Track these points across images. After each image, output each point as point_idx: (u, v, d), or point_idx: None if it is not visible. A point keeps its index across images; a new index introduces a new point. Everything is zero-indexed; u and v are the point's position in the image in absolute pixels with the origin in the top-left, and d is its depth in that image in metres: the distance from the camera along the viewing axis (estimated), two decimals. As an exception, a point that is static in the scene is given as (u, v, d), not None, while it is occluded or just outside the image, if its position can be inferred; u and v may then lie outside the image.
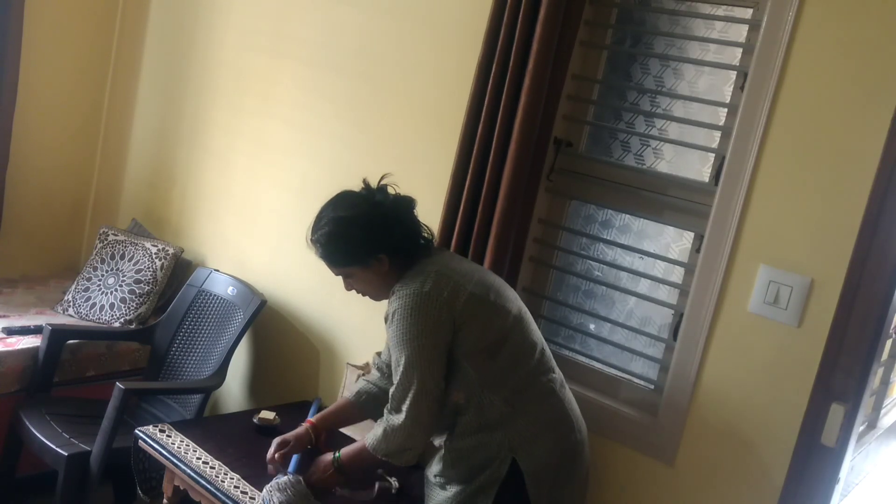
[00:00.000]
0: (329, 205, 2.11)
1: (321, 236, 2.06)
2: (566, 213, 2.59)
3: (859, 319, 1.96)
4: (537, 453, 2.01)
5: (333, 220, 2.05)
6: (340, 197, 2.12)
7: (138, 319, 3.29)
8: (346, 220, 2.04)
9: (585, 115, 2.55)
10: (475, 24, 2.54)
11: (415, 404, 1.96)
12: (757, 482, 2.10)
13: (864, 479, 3.30)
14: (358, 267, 2.07)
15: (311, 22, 3.11)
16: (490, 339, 2.01)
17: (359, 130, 2.96)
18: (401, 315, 1.97)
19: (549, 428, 2.05)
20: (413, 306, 1.95)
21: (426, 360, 1.95)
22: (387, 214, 2.05)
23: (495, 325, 2.02)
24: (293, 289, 3.15)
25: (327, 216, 2.07)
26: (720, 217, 2.16)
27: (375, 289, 2.12)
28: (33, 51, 3.54)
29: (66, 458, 2.62)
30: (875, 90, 1.95)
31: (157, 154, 3.69)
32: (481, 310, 2.00)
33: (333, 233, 2.04)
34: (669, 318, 2.38)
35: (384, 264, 2.04)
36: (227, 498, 2.20)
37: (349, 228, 2.04)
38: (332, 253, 2.07)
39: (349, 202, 2.09)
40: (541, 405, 2.04)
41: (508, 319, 2.04)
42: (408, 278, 2.01)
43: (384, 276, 2.06)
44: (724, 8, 2.31)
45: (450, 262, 2.08)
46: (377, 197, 2.08)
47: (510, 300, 2.08)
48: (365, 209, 2.05)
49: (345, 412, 2.34)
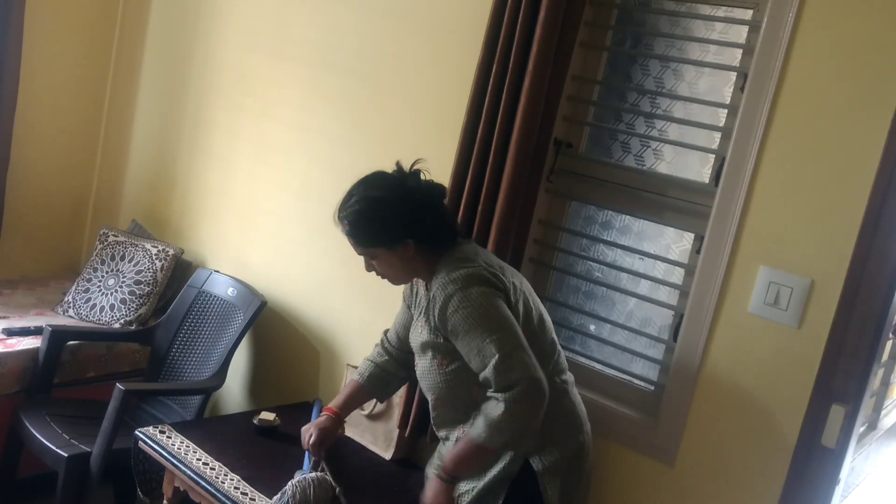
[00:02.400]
0: (361, 183, 2.07)
1: (350, 213, 2.03)
2: (566, 214, 2.59)
3: (859, 320, 1.96)
4: (550, 453, 2.02)
5: (365, 199, 2.02)
6: (373, 176, 2.09)
7: (138, 320, 3.29)
8: (378, 201, 2.02)
9: (586, 116, 2.55)
10: (475, 25, 2.54)
11: (525, 366, 1.86)
12: (757, 483, 2.10)
13: (865, 480, 3.30)
14: (383, 249, 2.04)
15: (311, 23, 3.11)
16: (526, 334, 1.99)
17: (359, 131, 2.96)
18: (464, 294, 1.91)
19: (561, 428, 2.06)
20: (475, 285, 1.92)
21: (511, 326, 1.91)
22: (419, 200, 2.03)
23: (527, 322, 2.01)
24: (293, 290, 3.15)
25: (359, 194, 2.04)
26: (720, 218, 2.16)
27: (397, 272, 2.10)
28: (34, 52, 3.54)
29: (66, 459, 2.62)
30: (875, 91, 1.95)
31: (157, 155, 3.69)
32: (520, 306, 2.00)
33: (363, 212, 2.01)
34: (669, 319, 2.38)
35: (410, 249, 2.02)
36: (227, 499, 2.20)
37: (380, 209, 2.01)
38: (359, 232, 2.04)
39: (382, 183, 2.06)
40: (554, 406, 2.04)
41: (534, 320, 2.04)
42: (453, 263, 1.98)
43: (408, 261, 2.04)
44: (724, 9, 2.31)
45: (486, 254, 2.08)
46: (410, 182, 2.05)
47: (534, 300, 2.09)
48: (398, 193, 2.03)
49: (356, 395, 2.35)
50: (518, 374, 1.87)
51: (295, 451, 2.42)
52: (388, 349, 2.34)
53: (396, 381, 2.37)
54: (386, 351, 2.35)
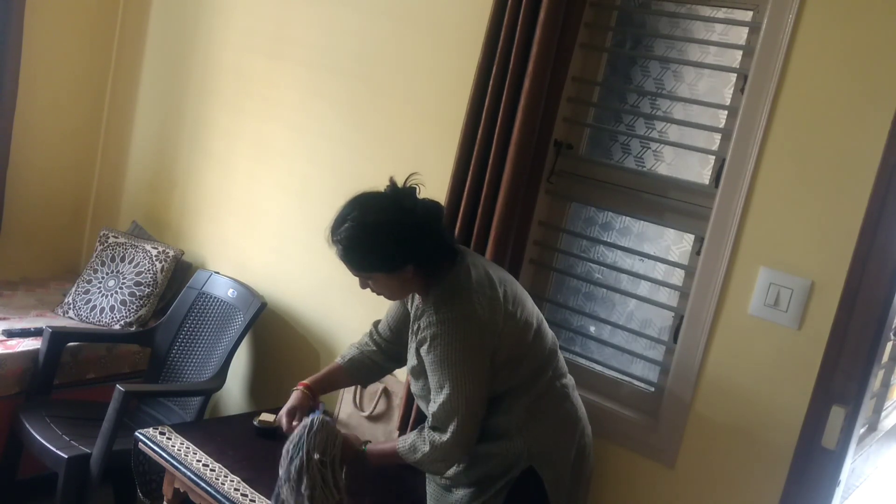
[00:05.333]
0: (354, 205, 1.97)
1: (344, 239, 1.94)
2: (566, 216, 2.59)
3: (860, 322, 1.96)
4: (556, 460, 2.03)
5: (360, 225, 1.92)
6: (366, 198, 1.98)
7: (139, 322, 3.29)
8: (374, 227, 1.92)
9: (586, 118, 2.55)
10: (475, 25, 2.54)
11: (461, 428, 1.93)
12: (757, 484, 2.10)
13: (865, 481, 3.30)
14: (382, 273, 1.98)
15: (311, 24, 3.12)
16: (516, 353, 2.00)
17: (359, 132, 2.96)
18: (445, 341, 1.91)
19: (564, 434, 2.06)
20: (457, 332, 1.91)
21: (473, 384, 1.92)
22: (416, 224, 1.93)
23: (522, 340, 2.02)
24: (293, 291, 3.15)
25: (353, 219, 1.94)
26: (720, 219, 2.16)
27: (394, 292, 2.07)
28: (34, 52, 3.54)
29: (66, 460, 2.62)
30: (875, 92, 1.95)
31: (157, 156, 3.70)
32: (514, 327, 1.99)
33: (359, 237, 1.93)
34: (670, 320, 2.38)
35: (409, 273, 1.97)
36: (227, 500, 2.20)
37: (376, 236, 1.92)
38: (355, 258, 1.96)
39: (377, 206, 1.95)
40: (557, 411, 2.05)
41: (531, 333, 2.03)
42: (443, 297, 1.95)
43: (407, 283, 2.01)
44: (724, 10, 2.31)
45: (479, 272, 2.00)
46: (406, 202, 1.95)
47: (530, 311, 2.06)
48: (394, 217, 1.93)
49: (335, 376, 2.32)
50: (453, 428, 1.93)
51: (295, 452, 2.42)
52: (377, 340, 2.30)
53: (378, 370, 2.33)
54: (374, 342, 2.30)
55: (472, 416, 1.95)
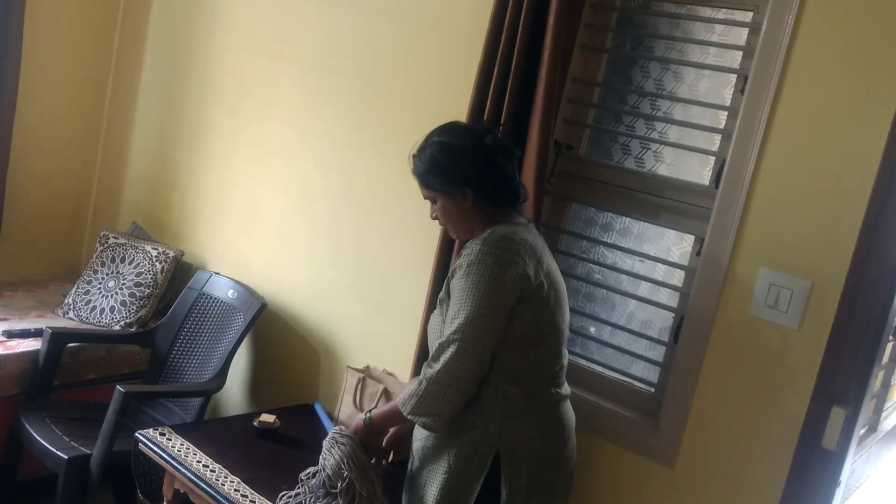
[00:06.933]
0: (437, 129, 2.14)
1: (420, 153, 2.11)
2: (567, 216, 2.59)
3: (860, 322, 1.96)
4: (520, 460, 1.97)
5: (435, 143, 2.09)
6: (450, 125, 2.16)
7: (139, 322, 3.29)
8: (445, 146, 2.07)
9: (586, 119, 2.55)
10: (478, 26, 2.54)
11: (455, 359, 1.90)
12: (757, 485, 2.10)
13: (865, 482, 3.30)
14: (442, 193, 2.08)
15: (311, 25, 3.12)
16: (531, 333, 1.98)
17: (360, 133, 2.96)
18: (479, 271, 1.93)
19: (542, 439, 2.01)
20: (493, 269, 1.93)
21: (483, 321, 1.91)
22: (487, 153, 2.06)
23: (542, 319, 2.00)
24: (294, 292, 3.15)
25: (431, 138, 2.11)
26: (721, 220, 2.16)
27: (454, 223, 2.12)
28: (34, 54, 3.54)
29: (66, 461, 2.62)
30: (875, 92, 1.95)
31: (157, 157, 3.70)
32: (542, 298, 1.98)
33: (428, 154, 2.08)
34: (670, 321, 2.38)
35: (468, 199, 2.04)
36: (228, 501, 2.20)
37: (445, 153, 2.06)
38: (421, 171, 2.09)
39: (456, 131, 2.13)
40: (541, 415, 2.02)
41: (553, 321, 2.03)
42: (494, 235, 1.99)
43: (465, 213, 2.06)
44: (724, 11, 2.31)
45: (536, 241, 2.05)
46: (479, 132, 2.11)
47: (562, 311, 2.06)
48: (467, 142, 2.07)
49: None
50: (446, 356, 1.91)
51: (295, 453, 2.42)
52: None
53: None
54: None
55: (469, 353, 1.91)
